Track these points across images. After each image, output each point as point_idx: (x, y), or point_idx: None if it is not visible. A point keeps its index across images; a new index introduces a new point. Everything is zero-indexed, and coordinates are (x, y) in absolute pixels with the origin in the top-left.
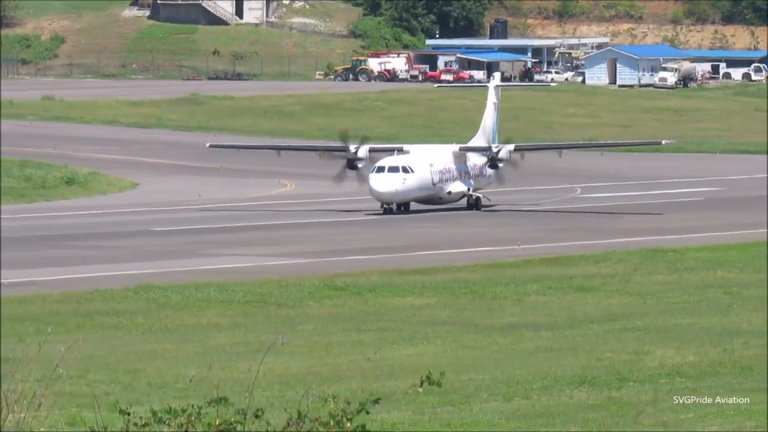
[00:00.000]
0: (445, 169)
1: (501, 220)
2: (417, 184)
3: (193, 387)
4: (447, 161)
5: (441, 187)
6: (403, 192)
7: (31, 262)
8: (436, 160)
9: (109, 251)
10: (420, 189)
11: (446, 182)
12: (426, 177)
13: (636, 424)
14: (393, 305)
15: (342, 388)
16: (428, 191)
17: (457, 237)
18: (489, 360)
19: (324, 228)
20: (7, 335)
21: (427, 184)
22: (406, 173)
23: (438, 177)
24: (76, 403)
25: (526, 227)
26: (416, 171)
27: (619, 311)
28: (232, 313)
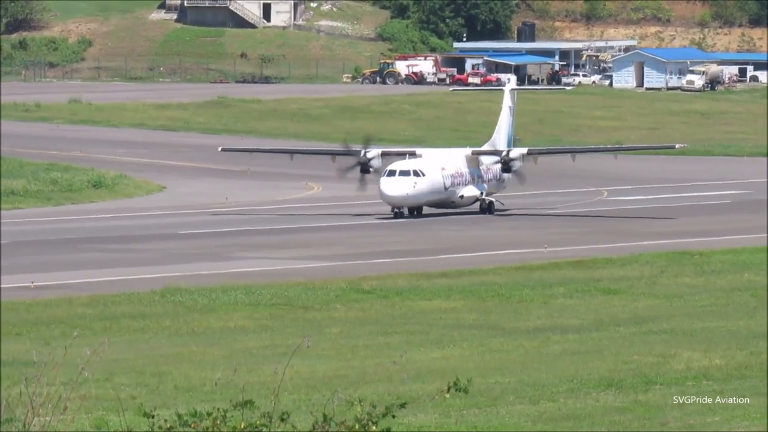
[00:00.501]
0: (458, 173)
1: (527, 223)
2: (428, 188)
3: (219, 390)
4: (459, 165)
5: (453, 191)
6: (414, 196)
7: (58, 265)
8: (449, 163)
9: (136, 254)
10: (431, 193)
11: (459, 186)
12: (438, 181)
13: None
14: (419, 308)
15: (368, 392)
16: (440, 195)
17: (483, 240)
18: (515, 363)
19: (351, 231)
20: (33, 339)
21: (438, 188)
22: (417, 177)
23: (450, 181)
24: (102, 407)
25: (552, 230)
26: (427, 175)
27: (646, 314)
28: (258, 316)
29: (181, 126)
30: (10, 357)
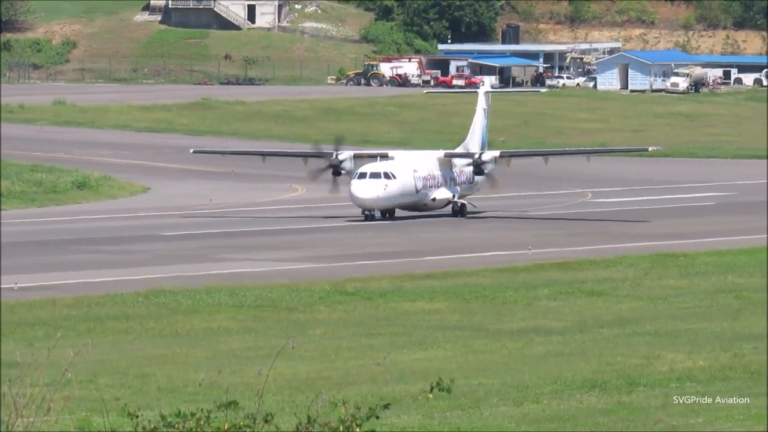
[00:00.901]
0: (430, 176)
1: (511, 225)
2: (399, 191)
3: (203, 391)
4: (432, 167)
5: (425, 194)
6: (385, 198)
7: (42, 266)
8: (420, 166)
9: (120, 256)
10: (403, 195)
11: (431, 189)
12: (409, 183)
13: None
14: (403, 310)
15: (352, 393)
16: (411, 198)
17: (468, 242)
18: (499, 364)
19: (335, 233)
20: (17, 340)
21: (410, 190)
22: (388, 179)
23: (422, 183)
24: (86, 408)
25: (536, 232)
26: (399, 177)
27: (630, 316)
28: (242, 318)
29: (165, 128)
30: None
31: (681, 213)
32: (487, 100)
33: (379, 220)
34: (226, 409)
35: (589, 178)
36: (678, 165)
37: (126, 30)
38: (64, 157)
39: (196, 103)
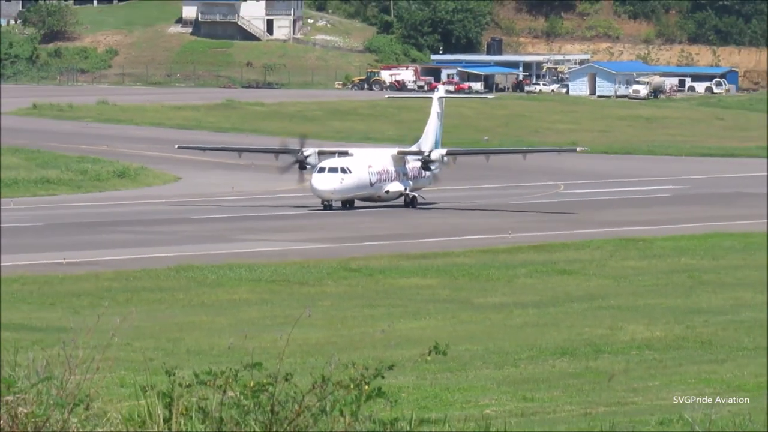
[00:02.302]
0: (384, 171)
1: (494, 213)
2: (354, 184)
3: (226, 354)
4: (386, 163)
5: (380, 187)
6: (341, 190)
7: (87, 244)
8: (376, 162)
9: (155, 236)
10: (358, 188)
11: (385, 182)
12: (364, 177)
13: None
14: (400, 285)
15: (357, 356)
16: (366, 190)
17: (455, 226)
18: (483, 333)
19: (340, 217)
20: (65, 308)
21: (364, 183)
22: (344, 173)
23: (376, 177)
24: (124, 367)
25: (516, 218)
26: (354, 172)
27: (596, 292)
28: (260, 290)
29: (194, 125)
30: (44, 324)
31: (641, 203)
32: (440, 104)
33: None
34: (251, 369)
35: (562, 172)
36: (638, 161)
37: (161, 40)
38: (107, 150)
39: (221, 104)
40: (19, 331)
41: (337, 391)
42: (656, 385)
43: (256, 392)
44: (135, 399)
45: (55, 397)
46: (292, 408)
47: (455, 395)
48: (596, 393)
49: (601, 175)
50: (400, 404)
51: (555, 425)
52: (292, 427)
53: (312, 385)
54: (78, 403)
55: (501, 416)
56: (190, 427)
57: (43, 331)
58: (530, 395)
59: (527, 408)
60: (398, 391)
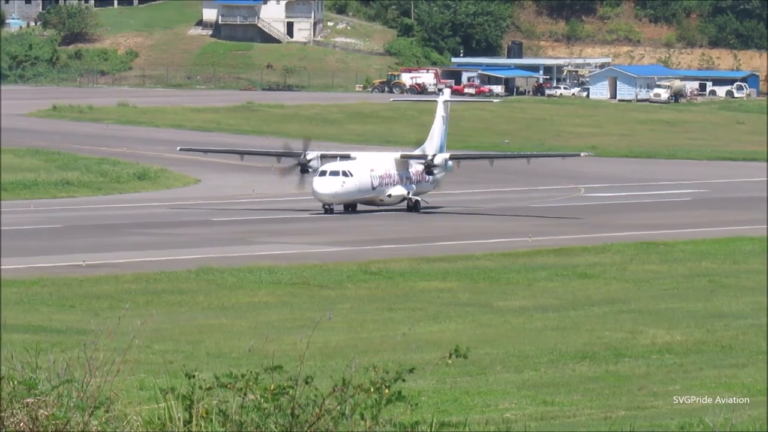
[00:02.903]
0: (386, 174)
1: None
2: (356, 187)
3: (246, 356)
4: (388, 167)
5: (382, 190)
6: (342, 194)
7: (107, 246)
8: (378, 165)
9: (174, 238)
10: (359, 191)
11: (387, 186)
12: (365, 181)
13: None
14: (420, 288)
15: (377, 360)
16: (368, 194)
17: (476, 230)
18: (503, 337)
19: (359, 220)
20: (85, 310)
21: (366, 187)
22: (345, 177)
23: (378, 181)
24: (144, 370)
25: (536, 222)
26: (355, 175)
27: (617, 296)
28: (280, 293)
29: (214, 127)
30: (64, 326)
31: (661, 207)
32: (445, 108)
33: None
34: (272, 372)
35: (583, 176)
36: (659, 165)
37: (181, 42)
38: (127, 152)
39: (241, 106)
40: (39, 333)
41: (358, 395)
42: (676, 389)
43: (276, 395)
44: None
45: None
46: (313, 411)
47: (475, 399)
48: (616, 397)
49: (621, 178)
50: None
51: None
52: (312, 430)
53: (332, 388)
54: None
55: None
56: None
57: (62, 333)
58: (550, 399)
59: (547, 412)
60: (418, 395)
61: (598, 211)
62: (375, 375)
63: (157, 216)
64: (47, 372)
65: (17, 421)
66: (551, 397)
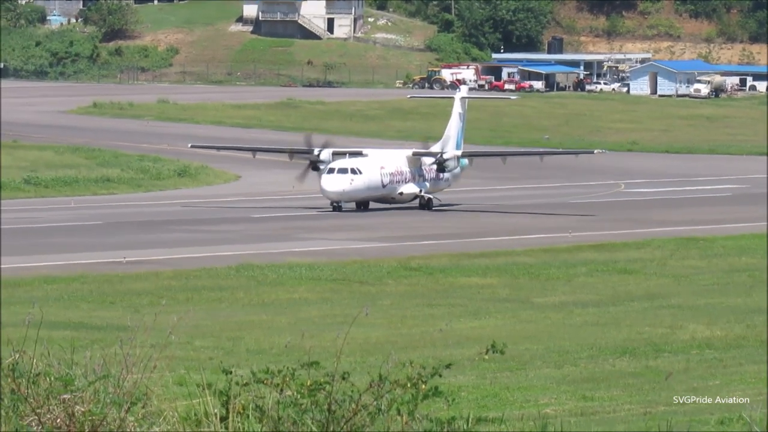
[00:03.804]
0: (397, 172)
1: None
2: (365, 185)
3: (286, 353)
4: (400, 164)
5: (393, 188)
6: (351, 192)
7: (147, 243)
8: (389, 163)
9: (215, 234)
10: (368, 189)
11: (398, 184)
12: (375, 178)
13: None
14: (460, 284)
15: (416, 355)
16: (378, 191)
17: (516, 226)
18: (543, 332)
19: (399, 216)
20: (125, 307)
21: (375, 185)
22: (354, 174)
23: (389, 179)
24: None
25: (576, 217)
26: (365, 173)
27: (657, 291)
28: (320, 290)
29: (254, 124)
30: (104, 323)
31: (701, 202)
32: (462, 105)
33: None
34: (308, 368)
35: (623, 172)
36: (699, 161)
37: (222, 39)
38: (167, 149)
39: (281, 103)
40: (79, 330)
41: (394, 390)
42: (716, 384)
43: (313, 391)
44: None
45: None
46: (349, 407)
47: (515, 394)
48: (656, 392)
49: (662, 174)
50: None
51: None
52: (349, 426)
53: (369, 384)
54: (135, 401)
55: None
56: (246, 426)
57: (102, 330)
58: (590, 394)
59: (587, 407)
60: (458, 390)
61: (638, 206)
62: (412, 370)
63: (198, 212)
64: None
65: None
66: (591, 392)
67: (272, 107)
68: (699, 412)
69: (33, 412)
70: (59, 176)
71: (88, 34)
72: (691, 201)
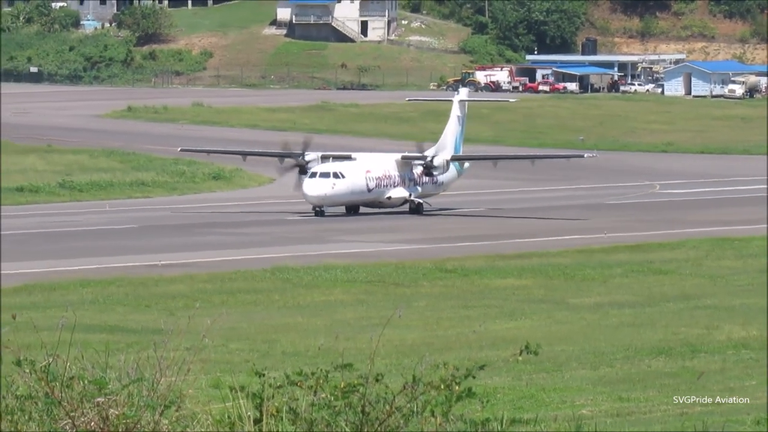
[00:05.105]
0: (385, 176)
1: (588, 212)
2: (348, 189)
3: (321, 355)
4: (388, 168)
5: (381, 192)
6: (332, 196)
7: (182, 246)
8: (376, 167)
9: (249, 237)
10: (352, 194)
11: (386, 188)
12: (359, 182)
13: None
14: (495, 285)
15: (451, 357)
16: (363, 196)
17: (550, 227)
18: (578, 333)
19: (432, 218)
20: (160, 309)
21: (360, 189)
22: (336, 179)
23: (375, 183)
24: (219, 369)
25: (611, 218)
26: (348, 177)
27: (692, 292)
28: (355, 291)
29: (289, 126)
30: (139, 326)
31: (736, 203)
32: (461, 108)
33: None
34: (342, 370)
35: (658, 173)
36: (734, 161)
37: (256, 42)
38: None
39: (316, 106)
40: (114, 333)
41: (429, 392)
42: (752, 384)
43: (346, 393)
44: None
45: (146, 399)
46: (383, 409)
47: (550, 395)
48: (692, 392)
49: (696, 174)
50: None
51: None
52: (383, 427)
53: (403, 386)
54: (169, 405)
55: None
56: (280, 428)
57: (137, 333)
58: (626, 395)
59: (623, 408)
60: (493, 392)
61: (673, 207)
62: (445, 372)
63: (232, 215)
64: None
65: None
66: (627, 393)
67: (306, 110)
68: (735, 412)
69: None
70: (94, 180)
71: (122, 38)
72: (726, 201)
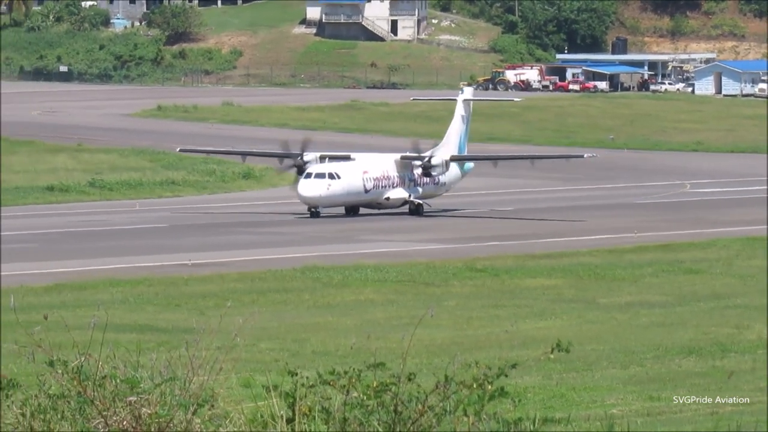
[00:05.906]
0: (384, 177)
1: (620, 212)
2: (344, 190)
3: (351, 354)
4: (387, 169)
5: (378, 193)
6: (328, 197)
7: (212, 245)
8: (374, 167)
9: (279, 236)
10: (348, 194)
11: (385, 189)
12: (356, 183)
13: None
14: (525, 285)
15: (482, 356)
16: (359, 197)
17: (581, 226)
18: (609, 333)
19: (462, 218)
20: (191, 309)
21: (356, 190)
22: (332, 179)
23: (372, 184)
24: (249, 368)
25: (641, 217)
26: (343, 177)
27: (723, 291)
28: (386, 291)
29: (319, 126)
30: (170, 325)
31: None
32: (466, 107)
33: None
34: (374, 369)
35: (689, 172)
36: (765, 160)
37: (285, 41)
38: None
39: (346, 105)
40: (145, 333)
41: (461, 391)
42: None
43: (379, 392)
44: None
45: (179, 398)
46: (416, 408)
47: (581, 395)
48: (723, 392)
49: (727, 174)
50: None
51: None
52: (415, 427)
53: (435, 385)
54: (201, 404)
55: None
56: (313, 428)
57: (168, 333)
58: (656, 395)
59: (653, 407)
60: (524, 391)
61: (704, 206)
62: (478, 371)
63: (262, 215)
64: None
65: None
66: (657, 392)
67: (336, 109)
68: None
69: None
70: (124, 179)
71: (151, 37)
72: (756, 201)
